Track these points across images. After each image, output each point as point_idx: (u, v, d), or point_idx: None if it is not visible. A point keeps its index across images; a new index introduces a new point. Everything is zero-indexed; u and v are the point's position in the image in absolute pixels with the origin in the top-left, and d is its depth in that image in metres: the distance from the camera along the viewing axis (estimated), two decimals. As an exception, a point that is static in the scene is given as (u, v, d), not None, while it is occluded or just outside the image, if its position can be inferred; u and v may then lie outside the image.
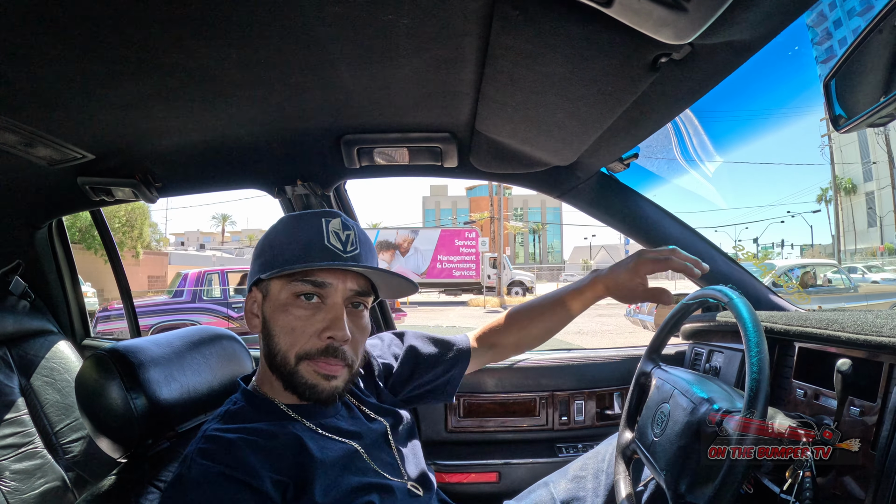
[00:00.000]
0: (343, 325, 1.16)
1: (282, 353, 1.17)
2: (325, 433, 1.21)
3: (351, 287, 1.20)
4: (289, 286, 1.17)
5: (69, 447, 2.41)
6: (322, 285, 1.17)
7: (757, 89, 66.72)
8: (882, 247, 42.07)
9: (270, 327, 1.19)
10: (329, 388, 1.17)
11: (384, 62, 1.47)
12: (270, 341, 1.19)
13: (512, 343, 1.74)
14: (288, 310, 1.17)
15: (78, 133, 1.90)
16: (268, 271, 1.18)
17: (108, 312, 11.61)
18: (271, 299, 1.20)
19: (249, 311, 1.26)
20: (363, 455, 1.23)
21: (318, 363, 1.16)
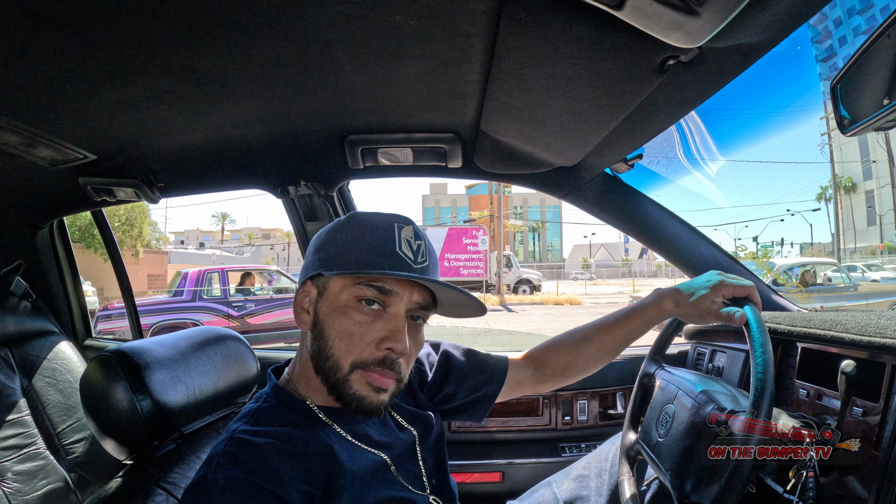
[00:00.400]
0: (403, 337, 1.10)
1: (335, 359, 1.10)
2: (355, 441, 1.17)
3: (416, 299, 1.14)
4: (352, 288, 1.10)
5: (71, 448, 2.41)
6: (388, 293, 1.10)
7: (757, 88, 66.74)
8: (882, 245, 42.06)
9: (325, 328, 1.12)
10: (377, 402, 1.11)
11: (390, 63, 1.47)
12: (323, 343, 1.12)
13: (561, 366, 1.58)
14: (348, 313, 1.10)
15: (79, 133, 1.90)
16: (333, 268, 1.11)
17: (108, 311, 11.58)
18: (329, 298, 1.13)
19: (300, 305, 1.18)
20: (391, 467, 1.20)
21: (371, 374, 1.09)
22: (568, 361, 1.57)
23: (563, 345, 1.59)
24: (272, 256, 61.68)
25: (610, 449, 1.80)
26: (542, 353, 1.60)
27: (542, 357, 1.59)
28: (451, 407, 1.48)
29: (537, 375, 1.57)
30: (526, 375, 1.56)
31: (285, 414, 1.13)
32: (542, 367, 1.58)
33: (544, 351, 1.60)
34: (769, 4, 0.96)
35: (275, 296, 12.99)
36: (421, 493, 1.23)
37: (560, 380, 1.59)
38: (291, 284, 13.36)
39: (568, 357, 1.57)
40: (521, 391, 1.59)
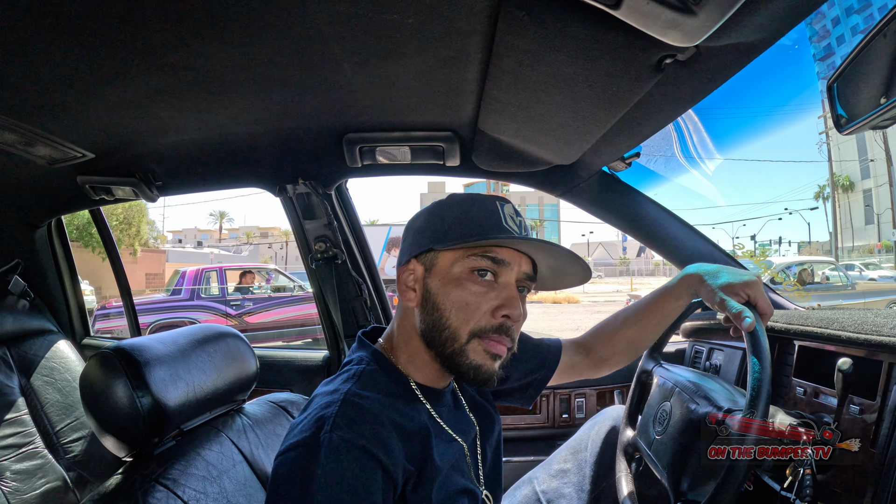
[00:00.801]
0: (518, 304, 1.12)
1: (452, 329, 1.10)
2: (442, 423, 1.17)
3: (525, 269, 1.16)
4: (465, 261, 1.12)
5: (70, 447, 2.41)
6: (501, 262, 1.12)
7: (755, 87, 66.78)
8: (879, 244, 42.06)
9: (438, 301, 1.12)
10: (493, 370, 1.11)
11: (388, 61, 1.47)
12: (438, 315, 1.12)
13: (607, 351, 1.60)
14: (463, 284, 1.11)
15: (78, 132, 1.90)
16: (445, 243, 1.12)
17: (106, 310, 11.58)
18: (439, 273, 1.14)
19: (405, 283, 1.18)
20: (466, 455, 1.21)
21: (489, 341, 1.10)
22: (612, 346, 1.59)
23: (605, 330, 1.62)
24: (270, 255, 61.59)
25: (588, 436, 1.81)
26: (588, 340, 1.62)
27: (588, 344, 1.62)
28: (504, 389, 1.49)
29: (588, 360, 1.60)
30: (578, 360, 1.59)
31: (387, 382, 1.13)
32: (591, 351, 1.60)
33: (590, 338, 1.63)
34: (766, 4, 0.97)
35: (273, 294, 12.97)
36: (479, 487, 1.23)
37: (609, 364, 1.61)
38: (289, 283, 13.34)
39: (611, 341, 1.59)
40: (576, 375, 1.61)
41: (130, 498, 1.13)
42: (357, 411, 1.00)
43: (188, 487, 1.21)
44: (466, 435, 1.23)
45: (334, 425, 0.95)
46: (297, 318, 12.47)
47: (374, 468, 0.93)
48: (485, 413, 1.34)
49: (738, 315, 1.23)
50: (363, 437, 0.95)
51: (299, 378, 2.75)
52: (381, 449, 0.95)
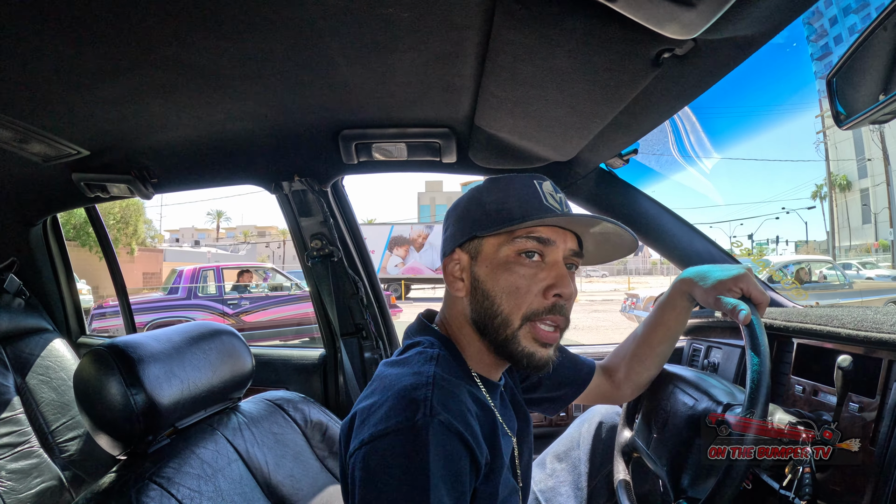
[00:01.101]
0: (569, 281, 1.12)
1: (504, 315, 1.09)
2: (499, 417, 1.15)
3: (570, 246, 1.15)
4: (511, 244, 1.11)
5: (65, 446, 2.41)
6: (547, 242, 1.11)
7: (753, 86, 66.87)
8: (877, 243, 42.14)
9: (488, 288, 1.11)
10: (546, 357, 1.11)
11: (384, 56, 1.46)
12: (489, 303, 1.11)
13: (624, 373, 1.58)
14: (511, 268, 1.10)
15: (72, 129, 1.89)
16: (488, 228, 1.11)
17: (103, 310, 11.57)
18: (486, 259, 1.13)
19: (451, 274, 1.18)
20: (516, 452, 1.20)
21: (537, 328, 1.09)
22: (628, 370, 1.58)
23: (620, 356, 1.61)
24: (268, 254, 61.62)
25: (579, 434, 1.81)
26: (608, 363, 1.62)
27: (608, 365, 1.62)
28: (533, 397, 1.49)
29: (610, 383, 1.59)
30: (600, 381, 1.58)
31: (458, 371, 1.12)
32: (612, 376, 1.60)
33: (609, 363, 1.62)
34: (763, -4, 0.96)
35: (270, 293, 12.96)
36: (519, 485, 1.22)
37: (631, 387, 1.59)
38: (287, 282, 13.34)
39: (628, 366, 1.58)
40: (598, 398, 1.60)
41: (124, 497, 1.13)
42: (449, 396, 0.97)
43: (182, 486, 1.20)
44: (515, 431, 1.23)
45: (433, 409, 0.92)
46: (295, 318, 12.47)
47: (466, 455, 0.92)
48: (522, 412, 1.33)
49: (733, 310, 1.23)
50: (459, 422, 0.93)
51: (295, 376, 2.75)
52: (471, 435, 0.94)
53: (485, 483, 0.99)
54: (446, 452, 0.89)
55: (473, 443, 0.93)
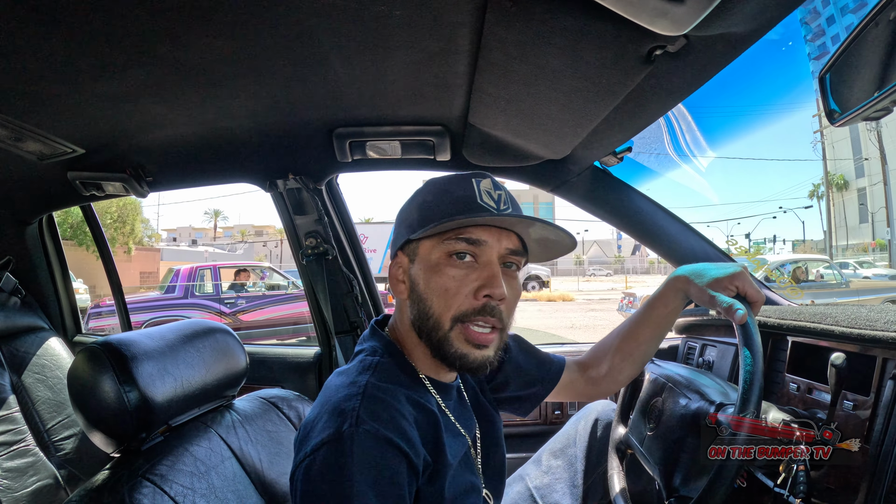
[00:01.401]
0: (500, 282, 1.10)
1: (435, 317, 1.10)
2: (451, 417, 1.18)
3: (506, 245, 1.14)
4: (441, 245, 1.11)
5: (61, 444, 2.40)
6: (477, 243, 1.10)
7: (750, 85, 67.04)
8: (874, 243, 42.22)
9: (421, 290, 1.13)
10: (480, 358, 1.10)
11: (377, 54, 1.46)
12: (422, 305, 1.12)
13: (605, 368, 1.56)
14: (441, 270, 1.11)
15: (68, 127, 1.89)
16: (418, 230, 1.11)
17: (99, 309, 11.55)
18: (420, 261, 1.14)
19: (395, 277, 1.20)
20: (471, 450, 1.21)
21: (470, 329, 1.09)
22: (611, 364, 1.55)
23: (603, 348, 1.59)
24: (265, 253, 61.57)
25: (576, 431, 1.81)
26: (588, 359, 1.60)
27: (588, 362, 1.60)
28: (502, 397, 1.49)
29: (585, 378, 1.58)
30: (576, 377, 1.57)
31: (400, 375, 1.14)
32: (589, 369, 1.58)
33: (590, 356, 1.61)
34: (754, -8, 0.96)
35: (267, 292, 12.97)
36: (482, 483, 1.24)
37: (608, 382, 1.57)
38: (283, 281, 13.33)
39: (612, 359, 1.56)
40: (571, 395, 1.59)
41: (117, 494, 1.12)
42: (379, 404, 0.99)
43: (175, 483, 1.20)
44: (471, 431, 1.24)
45: (359, 419, 0.95)
46: (292, 317, 12.49)
47: (400, 460, 0.94)
48: (485, 412, 1.34)
49: (729, 308, 1.23)
50: (388, 429, 0.95)
51: (290, 374, 2.74)
52: (404, 440, 0.95)
53: (429, 484, 1.02)
54: (373, 460, 0.91)
55: (407, 447, 0.95)
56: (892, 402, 1.19)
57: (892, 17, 0.97)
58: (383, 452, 0.93)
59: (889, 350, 1.26)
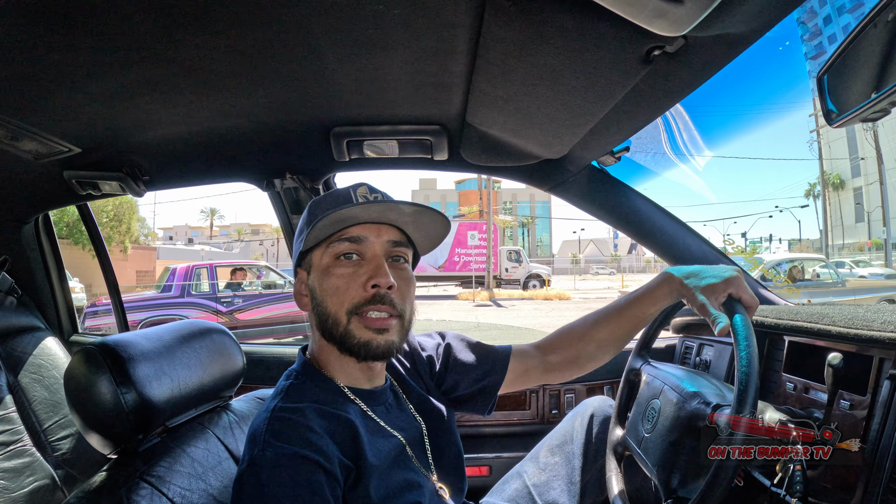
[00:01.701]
0: (385, 271, 1.17)
1: (332, 315, 1.18)
2: (378, 419, 1.23)
3: (387, 238, 1.23)
4: (328, 250, 1.21)
5: (58, 445, 2.39)
6: (358, 240, 1.20)
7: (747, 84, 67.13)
8: (870, 242, 42.32)
9: (318, 295, 1.21)
10: (384, 343, 1.18)
11: (374, 53, 1.46)
12: (321, 309, 1.20)
13: (571, 353, 1.56)
14: (331, 271, 1.19)
15: (64, 126, 1.88)
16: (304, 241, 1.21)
17: (95, 308, 11.52)
18: (315, 270, 1.23)
19: (298, 292, 1.29)
20: (406, 448, 1.24)
21: (366, 317, 1.17)
22: (578, 348, 1.55)
23: (572, 331, 1.58)
24: (261, 252, 61.54)
25: (573, 427, 1.82)
26: (551, 341, 1.59)
27: (551, 344, 1.59)
28: (456, 397, 1.50)
29: (545, 363, 1.56)
30: (534, 364, 1.55)
31: (315, 390, 1.20)
32: (550, 353, 1.57)
33: (554, 338, 1.60)
34: (753, -7, 0.96)
35: (263, 291, 12.95)
36: (431, 479, 1.28)
37: (571, 368, 1.57)
38: (280, 280, 13.31)
39: (578, 343, 1.55)
40: (530, 381, 1.58)
41: (115, 496, 1.12)
42: (284, 424, 1.07)
43: (173, 485, 1.20)
44: (407, 430, 1.28)
45: (265, 443, 1.03)
46: (289, 315, 12.47)
47: (313, 470, 1.00)
48: (431, 408, 1.39)
49: (714, 322, 1.25)
50: (294, 445, 1.02)
51: (288, 374, 2.73)
52: (313, 451, 1.02)
53: (352, 490, 1.07)
54: (287, 478, 0.98)
55: (318, 456, 1.02)
56: (889, 402, 1.20)
57: (891, 18, 0.97)
58: (295, 468, 0.99)
59: (886, 350, 1.27)
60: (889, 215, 38.44)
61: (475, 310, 21.04)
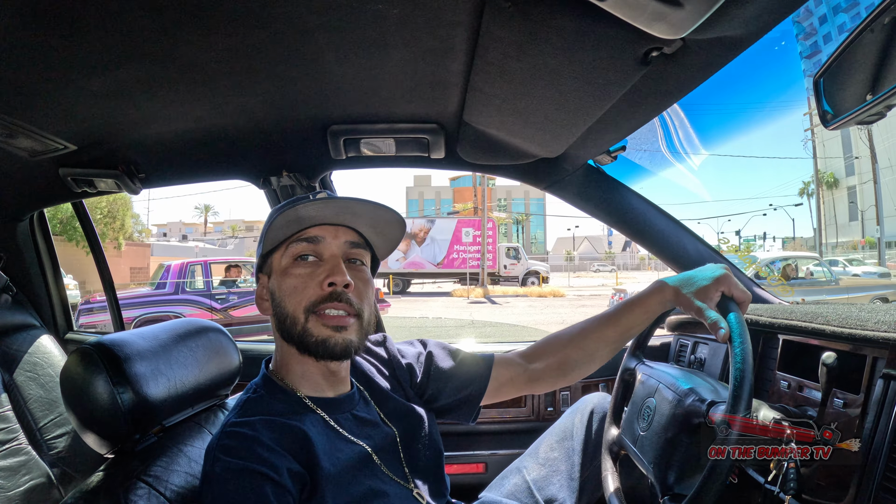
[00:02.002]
0: (342, 270, 1.20)
1: (290, 314, 1.20)
2: (341, 429, 1.22)
3: (344, 239, 1.26)
4: (287, 251, 1.23)
5: (54, 443, 2.39)
6: (315, 240, 1.23)
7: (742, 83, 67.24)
8: (863, 240, 42.50)
9: (277, 296, 1.23)
10: (342, 341, 1.19)
11: (373, 52, 1.46)
12: (280, 309, 1.22)
13: (557, 361, 1.53)
14: (289, 272, 1.22)
15: (59, 123, 1.88)
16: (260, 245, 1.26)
17: (90, 305, 11.46)
18: (275, 272, 1.25)
19: (260, 297, 1.31)
20: (373, 457, 1.23)
21: (323, 314, 1.19)
22: (564, 356, 1.53)
23: (559, 339, 1.56)
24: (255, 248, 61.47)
25: (572, 423, 1.82)
26: (536, 349, 1.57)
27: (536, 352, 1.56)
28: (438, 407, 1.50)
29: (530, 372, 1.54)
30: (517, 373, 1.53)
31: (273, 403, 1.20)
32: (535, 361, 1.54)
33: (539, 346, 1.58)
34: (752, -4, 0.96)
35: (258, 288, 12.91)
36: (405, 485, 1.27)
37: (555, 376, 1.55)
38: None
39: (564, 351, 1.53)
40: (513, 391, 1.56)
41: (112, 496, 1.12)
42: (233, 439, 1.09)
43: (170, 484, 1.20)
44: (374, 438, 1.27)
45: (215, 459, 1.06)
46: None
47: (260, 482, 1.02)
48: (407, 415, 1.39)
49: (714, 325, 1.25)
50: (242, 459, 1.04)
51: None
52: (261, 464, 1.04)
53: (309, 501, 1.09)
54: (233, 491, 1.01)
55: (266, 468, 1.04)
56: (882, 401, 1.20)
57: (888, 22, 0.97)
58: (240, 481, 1.02)
59: (879, 349, 1.28)
60: (882, 214, 38.60)
61: (469, 307, 21.04)
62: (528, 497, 1.69)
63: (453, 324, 14.79)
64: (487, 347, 1.74)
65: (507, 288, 28.48)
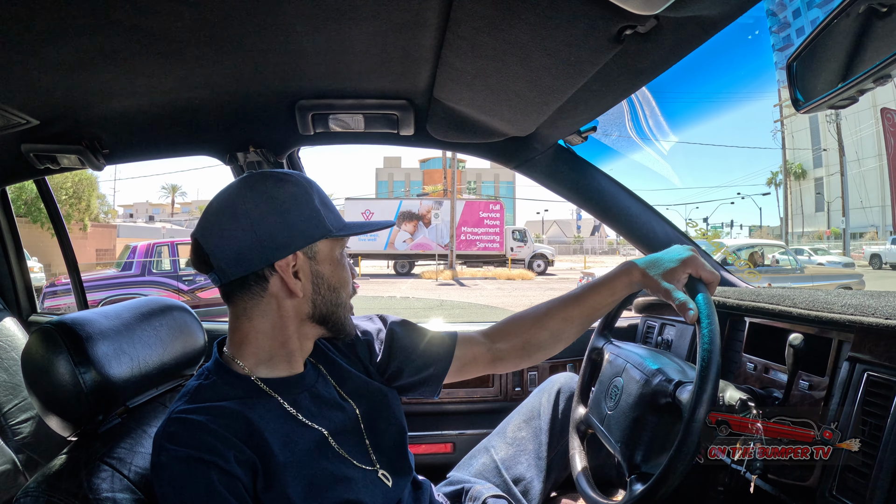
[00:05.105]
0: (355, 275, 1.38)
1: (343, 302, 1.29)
2: (298, 413, 1.20)
3: None
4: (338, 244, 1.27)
5: (18, 428, 2.34)
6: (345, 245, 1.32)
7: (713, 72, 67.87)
8: (828, 231, 43.31)
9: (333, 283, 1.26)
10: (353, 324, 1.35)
11: (342, 24, 1.43)
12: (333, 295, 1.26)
13: (520, 341, 1.52)
14: (342, 264, 1.29)
15: (21, 97, 1.83)
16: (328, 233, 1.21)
17: (55, 288, 11.33)
18: (325, 259, 1.24)
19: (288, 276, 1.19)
20: (329, 440, 1.22)
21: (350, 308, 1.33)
22: (528, 336, 1.51)
23: (523, 319, 1.54)
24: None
25: (540, 403, 1.83)
26: (500, 329, 1.56)
27: (499, 332, 1.55)
28: (400, 385, 1.48)
29: (493, 351, 1.52)
30: (480, 352, 1.52)
31: (225, 389, 1.18)
32: (499, 341, 1.53)
33: (503, 326, 1.56)
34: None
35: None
36: (368, 467, 1.26)
37: (519, 356, 1.53)
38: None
39: (529, 331, 1.51)
40: (476, 370, 1.54)
41: (75, 479, 1.10)
42: (179, 426, 1.08)
43: (133, 466, 1.18)
44: (333, 420, 1.26)
45: (160, 448, 1.06)
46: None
47: (205, 471, 1.02)
48: (368, 391, 1.39)
49: (682, 306, 1.27)
50: (186, 447, 1.04)
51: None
52: (206, 451, 1.03)
53: (266, 490, 1.08)
54: (179, 480, 1.02)
55: (212, 456, 1.03)
56: (847, 383, 1.22)
57: (863, 9, 0.97)
58: (186, 469, 1.02)
59: (845, 332, 1.29)
60: (849, 206, 39.27)
61: (438, 289, 21.08)
62: (496, 476, 1.69)
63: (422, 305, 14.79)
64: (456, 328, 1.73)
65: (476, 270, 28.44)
